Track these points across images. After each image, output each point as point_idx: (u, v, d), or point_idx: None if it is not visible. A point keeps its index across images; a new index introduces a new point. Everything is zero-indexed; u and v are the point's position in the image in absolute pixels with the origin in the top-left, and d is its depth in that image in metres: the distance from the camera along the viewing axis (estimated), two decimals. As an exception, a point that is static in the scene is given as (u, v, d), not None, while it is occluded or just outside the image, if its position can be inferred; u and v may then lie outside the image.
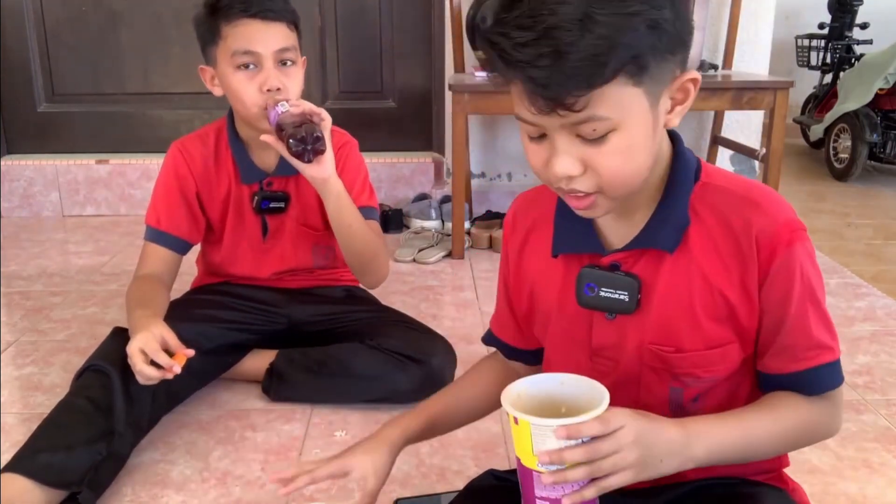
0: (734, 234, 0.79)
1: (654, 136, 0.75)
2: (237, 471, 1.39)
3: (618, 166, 0.73)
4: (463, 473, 1.39)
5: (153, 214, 1.59)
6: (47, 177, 3.09)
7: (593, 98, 0.68)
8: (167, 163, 1.60)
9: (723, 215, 0.80)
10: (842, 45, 4.41)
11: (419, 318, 1.74)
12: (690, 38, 0.74)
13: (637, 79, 0.69)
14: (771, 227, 0.78)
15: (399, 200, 3.07)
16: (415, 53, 3.17)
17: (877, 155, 3.82)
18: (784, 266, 0.78)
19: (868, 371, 1.76)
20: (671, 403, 0.85)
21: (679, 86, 0.75)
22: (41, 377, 1.74)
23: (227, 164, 1.61)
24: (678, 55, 0.73)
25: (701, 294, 0.80)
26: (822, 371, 0.82)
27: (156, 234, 1.58)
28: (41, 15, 3.06)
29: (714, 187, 0.81)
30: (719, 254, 0.79)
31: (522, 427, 0.73)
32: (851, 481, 1.34)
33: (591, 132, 0.71)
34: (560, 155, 0.73)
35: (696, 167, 0.83)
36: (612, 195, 0.76)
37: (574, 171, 0.73)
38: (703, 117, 3.03)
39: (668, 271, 0.81)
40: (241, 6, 1.44)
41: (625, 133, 0.71)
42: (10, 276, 2.42)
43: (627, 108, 0.70)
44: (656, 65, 0.70)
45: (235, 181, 1.61)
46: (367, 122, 3.17)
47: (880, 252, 2.77)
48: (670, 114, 0.76)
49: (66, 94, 3.17)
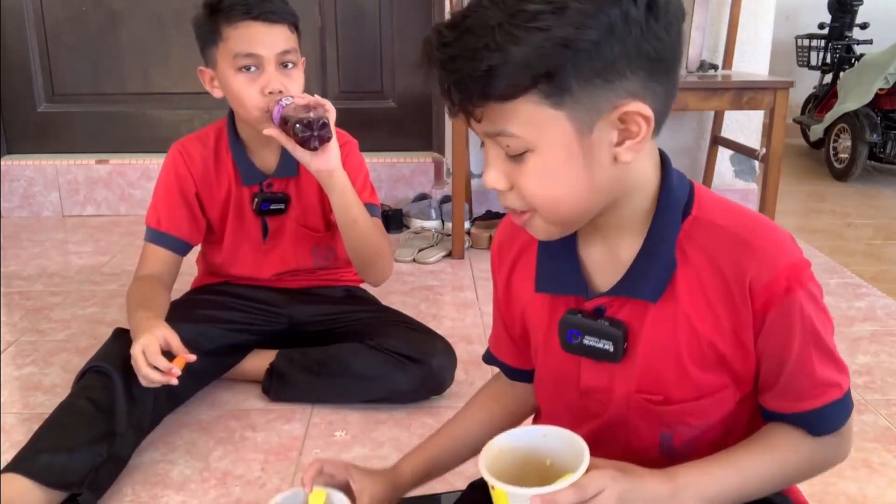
0: (725, 280, 0.72)
1: (587, 166, 0.68)
2: (237, 471, 1.39)
3: (536, 189, 0.69)
4: (463, 473, 1.39)
5: (153, 215, 1.58)
6: (47, 177, 3.09)
7: (503, 111, 0.65)
8: (167, 164, 1.60)
9: (713, 259, 0.73)
10: (842, 45, 4.41)
11: (419, 318, 1.74)
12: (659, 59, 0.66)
13: (555, 100, 0.64)
14: (767, 275, 0.71)
15: (399, 200, 3.07)
16: (415, 53, 3.14)
17: (877, 155, 3.82)
18: (782, 316, 0.72)
19: (868, 371, 1.76)
20: (662, 447, 0.81)
21: (622, 116, 0.66)
22: (41, 377, 1.74)
23: (227, 165, 1.60)
24: (622, 81, 0.65)
25: (688, 343, 0.75)
26: (827, 411, 0.77)
27: (156, 235, 1.57)
28: (41, 15, 3.06)
29: (706, 224, 0.74)
30: (708, 301, 0.73)
31: (498, 494, 0.70)
32: (851, 481, 1.34)
33: (507, 147, 0.68)
34: (488, 166, 0.71)
35: (688, 198, 0.75)
36: (546, 219, 0.72)
37: (499, 186, 0.71)
38: (703, 117, 3.03)
39: (653, 319, 0.76)
40: (243, 8, 1.43)
41: (542, 156, 0.67)
42: (10, 276, 2.42)
43: (543, 130, 0.66)
44: (582, 88, 0.64)
45: (236, 182, 1.60)
46: (367, 122, 3.17)
47: (880, 252, 2.76)
48: (620, 146, 0.68)
49: (66, 94, 3.17)
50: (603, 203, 0.72)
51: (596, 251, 0.79)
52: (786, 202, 3.03)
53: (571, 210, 0.71)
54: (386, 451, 1.46)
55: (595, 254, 0.79)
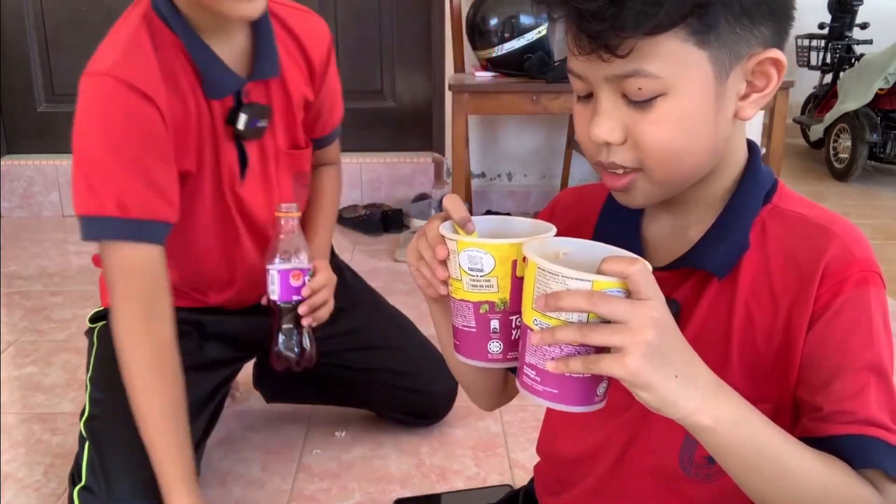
0: (797, 264, 0.65)
1: (716, 117, 0.63)
2: (237, 471, 1.39)
3: (663, 138, 0.62)
4: (463, 473, 1.39)
5: (107, 197, 1.04)
6: (47, 177, 3.09)
7: (643, 48, 0.59)
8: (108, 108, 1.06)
9: (791, 246, 0.66)
10: (842, 45, 4.41)
11: (419, 319, 1.72)
12: (783, 13, 0.64)
13: (701, 38, 0.60)
14: (844, 259, 0.64)
15: (399, 200, 3.07)
16: (415, 53, 3.17)
17: (877, 155, 3.82)
18: (850, 307, 0.63)
19: (868, 371, 1.76)
20: (682, 453, 0.71)
21: (757, 66, 0.63)
22: (41, 377, 1.74)
23: (183, 75, 1.09)
24: (760, 27, 0.62)
25: (741, 336, 0.67)
26: (871, 442, 0.62)
27: (128, 227, 1.05)
28: (41, 15, 3.06)
29: (788, 213, 0.69)
30: (769, 290, 0.66)
31: (529, 269, 0.59)
32: (851, 481, 1.34)
33: (636, 91, 0.61)
34: (600, 115, 0.63)
35: (772, 187, 0.70)
36: (655, 178, 0.65)
37: (613, 138, 0.63)
38: (703, 117, 3.03)
39: (712, 300, 0.68)
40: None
41: (676, 100, 0.61)
42: (10, 276, 2.42)
43: (683, 71, 0.61)
44: (728, 28, 0.60)
45: (199, 98, 1.12)
46: (367, 122, 3.16)
47: (880, 252, 2.76)
48: (744, 100, 0.64)
49: (66, 94, 3.17)
50: (712, 166, 0.67)
51: (661, 227, 0.73)
52: (786, 202, 3.03)
53: (689, 167, 0.65)
54: (386, 451, 1.46)
55: (660, 230, 0.73)
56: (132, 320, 1.07)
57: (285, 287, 1.15)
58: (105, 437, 1.15)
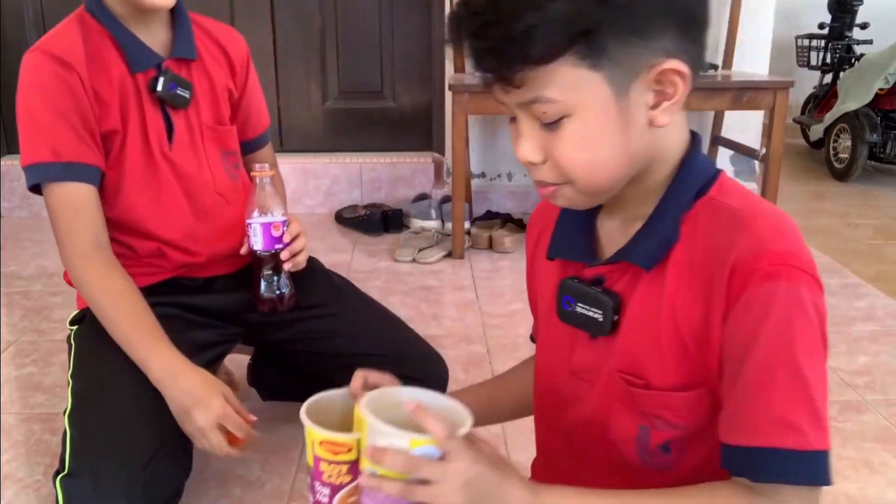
0: (715, 257, 0.67)
1: (624, 130, 0.66)
2: (237, 471, 1.39)
3: (574, 157, 0.67)
4: (463, 473, 1.39)
5: (42, 147, 1.20)
6: (47, 177, 3.09)
7: (539, 76, 0.63)
8: (38, 77, 1.22)
9: (712, 238, 0.68)
10: (842, 45, 4.41)
11: (419, 318, 1.73)
12: (686, 16, 0.66)
13: (592, 61, 0.63)
14: (752, 253, 0.64)
15: (399, 200, 3.07)
16: (415, 53, 3.17)
17: (877, 155, 3.82)
18: (754, 302, 0.63)
19: (868, 371, 1.76)
20: (638, 443, 0.75)
21: (658, 77, 0.65)
22: (41, 377, 1.74)
23: (108, 52, 1.25)
24: (657, 39, 0.64)
25: (667, 325, 0.69)
26: (776, 455, 0.63)
27: (62, 170, 1.20)
28: (41, 15, 3.06)
29: (720, 205, 0.70)
30: (691, 283, 0.68)
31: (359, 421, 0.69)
32: (851, 481, 1.34)
33: (543, 115, 0.66)
34: (521, 138, 0.69)
35: (710, 180, 0.71)
36: (581, 189, 0.69)
37: (534, 158, 0.68)
38: (703, 117, 3.03)
39: (642, 292, 0.71)
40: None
41: (579, 121, 0.65)
42: (10, 276, 2.42)
43: (580, 93, 0.64)
44: (620, 47, 0.63)
45: (124, 72, 1.26)
46: (367, 122, 3.17)
47: (880, 252, 2.76)
48: (655, 109, 0.67)
49: (66, 94, 3.17)
50: (635, 171, 0.70)
51: (613, 222, 0.77)
52: (786, 202, 3.03)
53: (607, 177, 0.69)
54: (386, 452, 1.45)
55: (611, 225, 0.77)
56: (81, 248, 1.21)
57: (267, 237, 1.28)
58: (87, 421, 1.18)
